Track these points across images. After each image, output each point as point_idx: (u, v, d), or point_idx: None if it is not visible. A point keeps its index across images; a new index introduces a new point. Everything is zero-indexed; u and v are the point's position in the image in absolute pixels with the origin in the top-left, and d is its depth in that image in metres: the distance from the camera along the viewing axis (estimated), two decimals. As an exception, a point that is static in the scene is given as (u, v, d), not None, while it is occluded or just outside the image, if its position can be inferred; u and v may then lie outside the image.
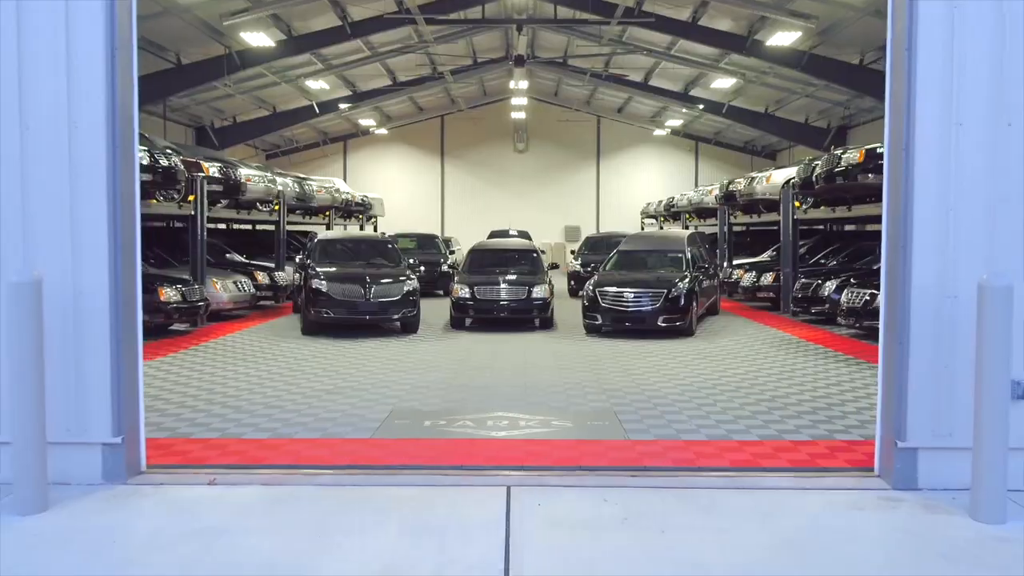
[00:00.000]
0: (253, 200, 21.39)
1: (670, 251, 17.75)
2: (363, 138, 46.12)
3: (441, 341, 15.48)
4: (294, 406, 9.40)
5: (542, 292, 17.12)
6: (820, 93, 31.58)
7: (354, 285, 15.76)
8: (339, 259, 17.47)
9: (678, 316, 15.84)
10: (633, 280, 16.43)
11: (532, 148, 46.37)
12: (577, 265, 26.19)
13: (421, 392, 10.33)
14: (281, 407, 9.35)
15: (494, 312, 17.04)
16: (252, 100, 34.19)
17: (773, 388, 10.61)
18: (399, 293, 15.98)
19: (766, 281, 21.33)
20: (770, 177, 21.37)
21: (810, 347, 14.66)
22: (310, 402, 9.63)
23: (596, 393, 10.27)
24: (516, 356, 13.62)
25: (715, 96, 35.79)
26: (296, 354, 13.68)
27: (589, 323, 16.36)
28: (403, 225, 44.21)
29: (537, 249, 19.32)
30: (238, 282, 18.86)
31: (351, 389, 10.50)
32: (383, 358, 13.33)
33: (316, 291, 15.76)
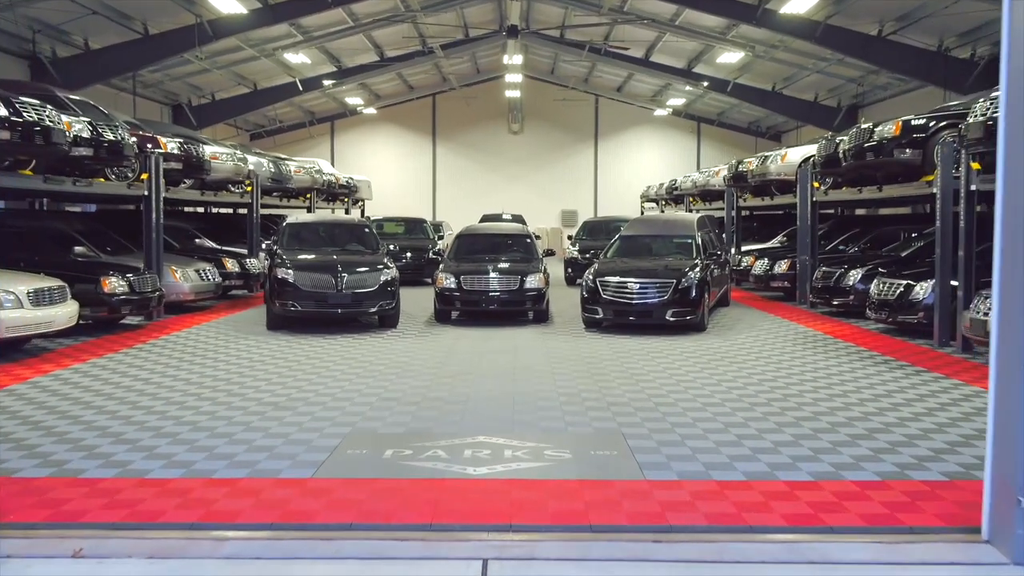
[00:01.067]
0: (221, 180, 19.57)
1: (678, 236, 15.97)
2: (351, 119, 44.18)
3: (422, 338, 13.73)
4: (227, 428, 7.63)
5: (536, 282, 15.35)
6: (832, 69, 29.74)
7: (324, 275, 13.98)
8: (310, 245, 15.69)
9: (689, 309, 14.08)
10: (638, 269, 14.67)
11: (527, 129, 44.47)
12: (575, 251, 24.43)
13: (388, 407, 8.57)
14: (211, 429, 7.58)
15: (483, 304, 15.27)
16: (231, 76, 32.28)
17: (812, 401, 8.86)
18: (375, 284, 14.21)
19: (780, 269, 19.57)
20: (785, 156, 19.58)
21: (840, 345, 12.92)
22: (249, 421, 7.86)
23: (599, 408, 8.52)
24: (505, 357, 11.87)
25: (720, 73, 33.94)
26: (252, 354, 11.91)
27: (588, 317, 14.60)
28: (393, 209, 42.36)
29: (531, 234, 17.54)
30: (201, 270, 17.06)
31: (304, 403, 8.73)
32: (352, 360, 11.57)
33: (281, 282, 13.99)
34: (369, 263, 14.70)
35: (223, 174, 19.25)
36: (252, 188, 21.17)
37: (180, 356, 11.71)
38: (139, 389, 9.41)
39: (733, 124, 44.22)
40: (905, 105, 29.88)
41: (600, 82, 42.01)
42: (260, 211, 21.65)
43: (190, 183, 18.63)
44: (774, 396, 9.08)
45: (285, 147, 43.20)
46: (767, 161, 19.93)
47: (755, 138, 43.94)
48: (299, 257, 14.67)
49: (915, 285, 13.37)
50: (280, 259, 14.52)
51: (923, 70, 24.89)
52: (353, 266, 14.35)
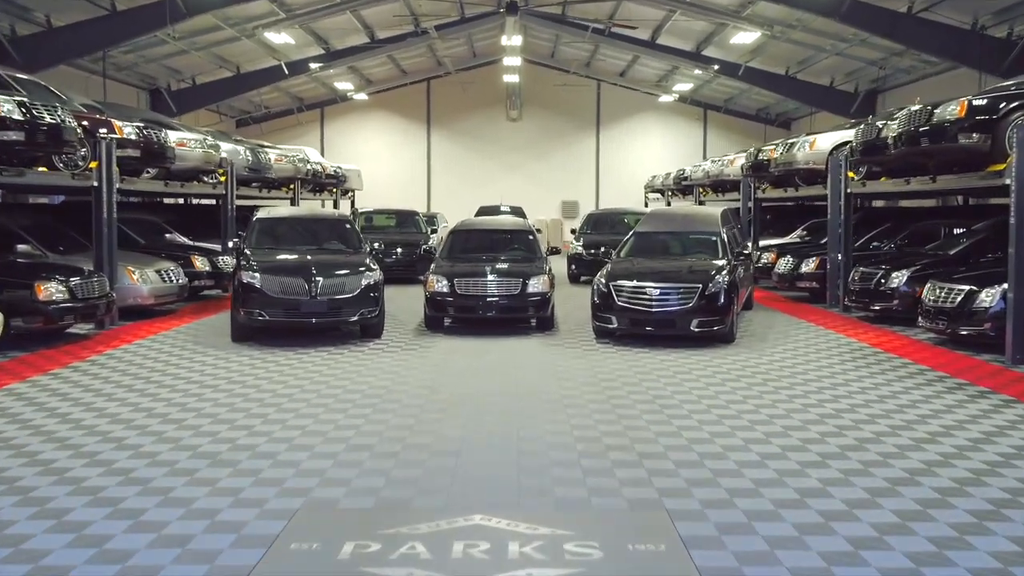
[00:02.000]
0: (189, 170, 17.64)
1: (701, 233, 14.07)
2: (342, 105, 42.18)
3: (409, 352, 11.85)
4: (138, 501, 5.74)
5: (540, 285, 13.48)
6: (852, 51, 27.84)
7: (296, 279, 12.09)
8: (283, 243, 13.79)
9: (717, 319, 12.22)
10: (657, 272, 12.80)
11: (526, 116, 42.49)
12: (579, 247, 22.55)
13: (357, 461, 6.71)
14: (115, 503, 5.69)
15: (479, 311, 13.40)
16: (211, 59, 30.29)
17: (900, 452, 6.99)
18: (356, 288, 12.32)
19: (808, 268, 17.69)
20: (815, 142, 17.68)
21: (897, 363, 11.05)
22: (170, 489, 5.97)
23: (630, 463, 6.65)
24: (506, 381, 10.00)
25: (731, 55, 31.99)
26: (205, 377, 10.04)
27: (600, 327, 12.73)
28: (386, 200, 40.39)
29: (533, 229, 15.64)
30: (164, 271, 15.16)
31: (251, 454, 6.86)
32: (323, 384, 9.70)
33: (247, 287, 12.10)
34: (349, 264, 12.81)
35: (191, 163, 17.31)
36: (226, 178, 19.26)
37: (118, 380, 9.83)
38: (39, 432, 7.51)
39: (741, 111, 42.30)
40: (930, 90, 27.96)
41: (603, 66, 40.05)
42: (235, 203, 19.73)
43: (153, 173, 16.73)
44: (847, 443, 7.21)
45: (273, 134, 41.25)
46: (793, 148, 18.04)
47: (764, 126, 42.06)
48: (267, 258, 12.78)
49: (979, 291, 11.53)
50: (246, 260, 12.63)
51: (955, 50, 22.96)
52: (330, 268, 12.45)
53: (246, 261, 12.59)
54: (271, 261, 12.63)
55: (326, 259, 12.93)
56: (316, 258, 12.82)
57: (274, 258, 12.82)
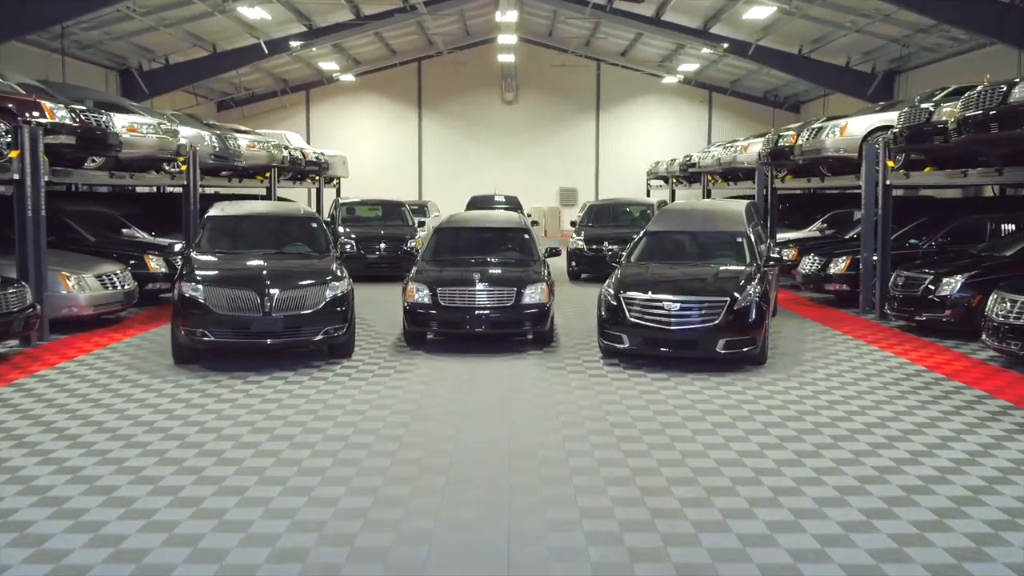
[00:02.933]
0: (142, 158, 15.66)
1: (725, 233, 12.11)
2: (328, 87, 40.08)
3: (379, 381, 9.90)
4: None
5: (538, 295, 11.56)
6: (874, 28, 25.85)
7: (246, 292, 10.14)
8: (238, 246, 11.83)
9: (747, 338, 10.30)
10: (676, 281, 10.87)
11: (522, 98, 40.41)
12: (579, 241, 20.62)
13: (298, 553, 4.82)
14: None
15: (467, 326, 11.46)
16: (184, 36, 28.22)
17: (993, 532, 5.11)
18: (319, 302, 10.38)
19: (838, 269, 15.77)
20: (846, 127, 15.70)
21: (969, 395, 9.15)
22: None
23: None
24: (496, 429, 8.08)
25: (741, 33, 29.97)
26: (130, 415, 8.12)
27: (609, 345, 10.81)
28: (375, 188, 38.41)
29: (530, 227, 13.68)
30: (106, 276, 13.21)
31: (157, 547, 4.94)
32: (270, 426, 7.79)
33: (188, 301, 10.16)
34: (312, 272, 10.86)
35: (143, 150, 15.33)
36: (187, 167, 17.27)
37: (34, 413, 7.90)
38: None
39: (748, 93, 40.30)
40: (954, 70, 25.99)
41: (603, 46, 37.97)
42: (203, 193, 17.77)
43: (99, 162, 14.77)
44: (923, 516, 5.31)
45: (256, 118, 39.23)
46: (821, 134, 16.05)
47: (772, 108, 40.14)
48: (215, 266, 10.82)
49: (1063, 306, 9.66)
50: (189, 268, 10.68)
51: (993, 26, 20.97)
52: (288, 278, 10.50)
53: (189, 269, 10.64)
54: (218, 270, 10.67)
55: (285, 267, 10.97)
56: (273, 266, 10.85)
57: (223, 266, 10.86)
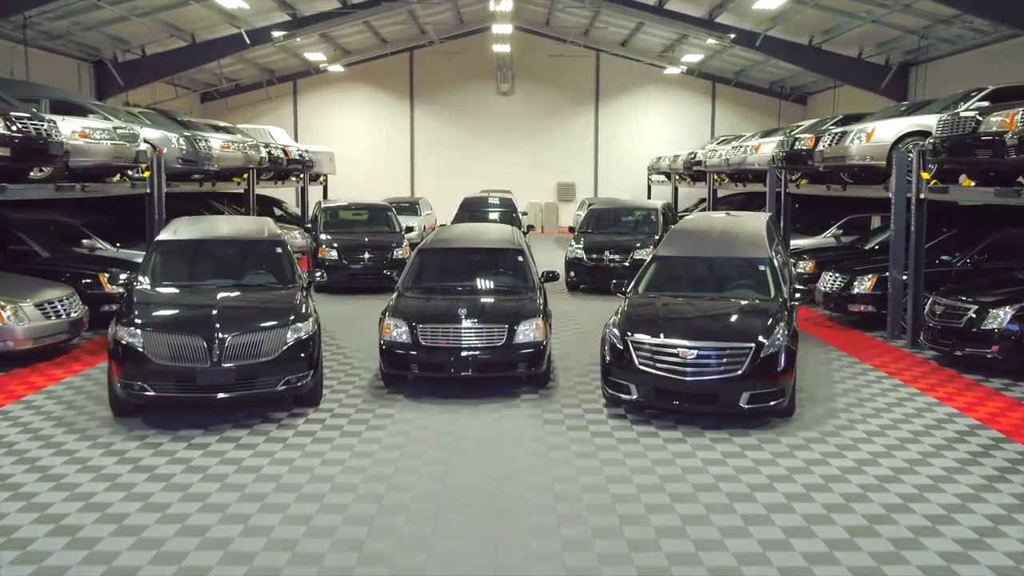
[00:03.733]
0: (97, 166, 14.18)
1: (746, 260, 10.63)
2: (316, 77, 38.43)
3: (346, 442, 8.47)
4: None
5: (533, 332, 10.12)
6: (891, 18, 24.32)
7: (192, 338, 8.69)
8: (188, 277, 10.35)
9: (775, 390, 8.88)
10: (691, 321, 9.44)
11: (519, 89, 38.81)
12: (578, 250, 19.15)
13: None
14: None
15: (451, 369, 10.02)
16: (160, 26, 26.62)
17: None
18: (279, 347, 8.94)
19: (863, 288, 14.33)
20: (872, 132, 14.22)
21: (1040, 467, 7.77)
22: None
23: None
24: (481, 515, 6.67)
25: (749, 23, 28.41)
26: (62, 485, 6.70)
27: (613, 394, 9.38)
28: (364, 185, 36.97)
29: (525, 247, 12.21)
30: (48, 303, 11.76)
31: None
32: (204, 519, 6.37)
33: (125, 349, 8.71)
34: (272, 310, 9.42)
35: (96, 158, 13.83)
36: (151, 174, 15.81)
37: None
38: None
39: (753, 84, 38.71)
40: (973, 63, 24.56)
41: (602, 35, 36.37)
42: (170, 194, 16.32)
43: (47, 171, 13.28)
44: None
45: (240, 110, 37.79)
46: (845, 140, 14.58)
47: (778, 100, 38.57)
48: (157, 304, 9.36)
49: None
50: (127, 307, 9.23)
51: (1019, 16, 19.47)
52: (243, 319, 9.05)
53: (128, 308, 9.19)
54: (161, 310, 9.23)
55: (240, 304, 9.53)
56: (226, 304, 9.38)
57: (167, 304, 9.41)
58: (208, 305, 9.26)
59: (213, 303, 9.29)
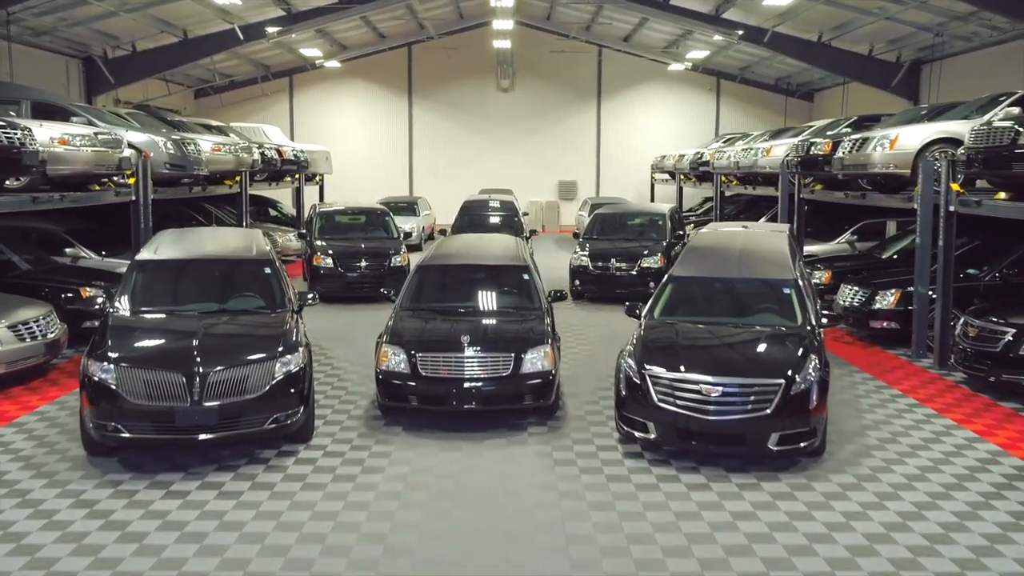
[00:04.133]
0: (77, 175, 13.41)
1: (770, 282, 9.89)
2: (313, 73, 37.59)
3: (340, 488, 7.75)
4: None
5: (541, 361, 9.39)
6: (905, 14, 23.55)
7: (170, 374, 7.94)
8: (169, 301, 9.58)
9: (807, 430, 8.15)
10: (714, 352, 8.72)
11: (519, 86, 37.99)
12: (584, 257, 18.38)
13: None
14: None
15: (453, 401, 9.27)
16: (150, 22, 25.81)
17: None
18: (266, 383, 8.19)
19: (886, 304, 13.60)
20: (896, 139, 13.47)
21: (1103, 523, 7.06)
22: None
23: None
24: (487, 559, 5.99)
25: (756, 19, 27.63)
26: (22, 546, 6.00)
27: (628, 431, 8.64)
28: (361, 183, 36.27)
29: (531, 263, 11.45)
30: (23, 324, 11.01)
31: None
32: None
33: (97, 386, 7.97)
34: (260, 340, 8.68)
35: (76, 166, 13.05)
36: (136, 180, 15.04)
37: None
38: None
39: (758, 80, 37.94)
40: (987, 61, 23.85)
41: (605, 31, 35.57)
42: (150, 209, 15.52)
43: (23, 181, 12.52)
44: None
45: (235, 106, 37.02)
46: (867, 146, 13.82)
47: (784, 97, 37.86)
48: (133, 334, 8.60)
49: None
50: (100, 338, 8.48)
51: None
52: (227, 352, 8.31)
53: (101, 339, 8.45)
54: (137, 341, 8.48)
55: (224, 334, 8.78)
56: (209, 333, 8.62)
57: (144, 334, 8.64)
58: (189, 335, 8.49)
59: (194, 333, 8.52)
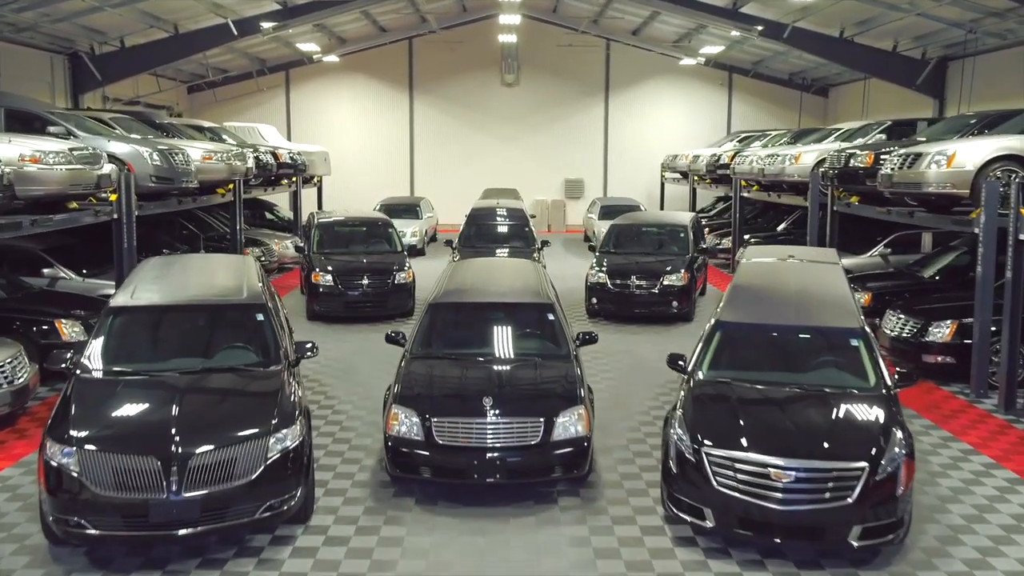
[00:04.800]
0: (50, 195, 12.14)
1: (834, 332, 8.61)
2: (310, 67, 36.17)
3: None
4: None
5: (575, 425, 8.17)
6: (938, 11, 22.25)
7: (143, 459, 6.72)
8: (145, 357, 8.30)
9: (893, 521, 6.95)
10: (784, 427, 7.43)
11: (524, 81, 36.58)
12: (601, 273, 17.10)
13: None
14: None
15: (474, 475, 8.03)
16: (139, 16, 24.46)
17: None
18: (256, 466, 6.95)
19: (941, 337, 12.37)
20: (954, 157, 12.21)
21: None
22: None
23: None
24: None
25: (774, 13, 26.31)
26: None
27: (679, 515, 7.42)
28: (361, 183, 35.04)
29: (556, 301, 10.19)
30: (-15, 369, 9.79)
31: None
32: None
33: (59, 475, 6.74)
34: (251, 410, 7.44)
35: (49, 187, 11.80)
36: (118, 197, 13.80)
37: None
38: None
39: (772, 75, 36.59)
40: (1018, 60, 22.64)
41: (613, 24, 34.17)
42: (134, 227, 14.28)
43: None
44: None
45: (230, 102, 35.70)
46: (920, 163, 12.54)
47: (799, 92, 36.48)
48: (100, 405, 7.32)
49: None
50: (62, 412, 7.23)
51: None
52: (210, 429, 7.05)
53: (63, 412, 7.20)
54: (104, 414, 7.22)
55: (208, 403, 7.51)
56: (188, 402, 7.35)
57: (113, 405, 7.37)
58: (166, 405, 7.24)
59: (173, 402, 7.27)
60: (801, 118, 36.20)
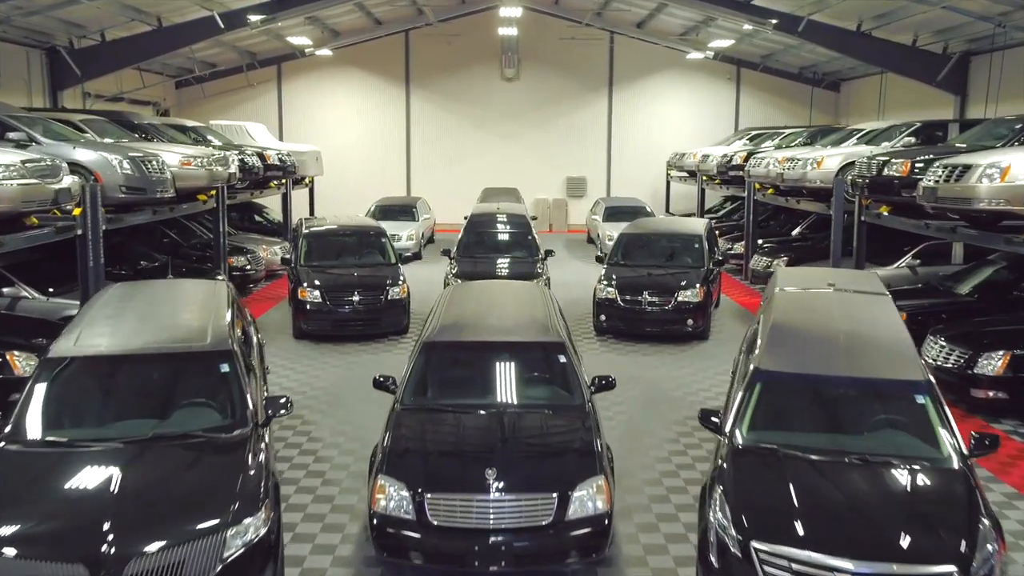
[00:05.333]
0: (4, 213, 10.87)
1: (892, 385, 7.36)
2: (303, 60, 34.84)
3: None
4: None
5: (593, 500, 6.93)
6: (964, 4, 20.99)
7: (68, 566, 5.46)
8: (91, 416, 7.07)
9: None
10: (848, 517, 6.18)
11: (525, 75, 35.22)
12: (610, 287, 15.82)
13: None
14: None
15: (475, 562, 6.76)
16: (120, 9, 23.14)
17: None
18: (212, 567, 5.72)
19: (991, 370, 11.13)
20: (1008, 169, 10.94)
21: None
22: None
23: None
24: None
25: (790, 6, 24.98)
26: None
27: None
28: (356, 177, 33.79)
29: (566, 340, 8.93)
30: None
31: None
32: None
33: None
34: (204, 493, 6.18)
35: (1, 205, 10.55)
36: (81, 211, 12.54)
37: None
38: None
39: (781, 69, 35.24)
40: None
41: (617, 16, 32.86)
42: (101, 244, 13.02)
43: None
44: None
45: (219, 98, 34.38)
46: (969, 176, 11.27)
47: (810, 87, 35.16)
48: (23, 491, 6.08)
49: None
50: None
51: None
52: (153, 522, 5.80)
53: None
54: (26, 503, 5.97)
55: (151, 484, 6.25)
56: (131, 485, 6.08)
57: (38, 489, 6.12)
58: (103, 491, 5.98)
59: (111, 486, 6.01)
60: (812, 114, 34.93)
